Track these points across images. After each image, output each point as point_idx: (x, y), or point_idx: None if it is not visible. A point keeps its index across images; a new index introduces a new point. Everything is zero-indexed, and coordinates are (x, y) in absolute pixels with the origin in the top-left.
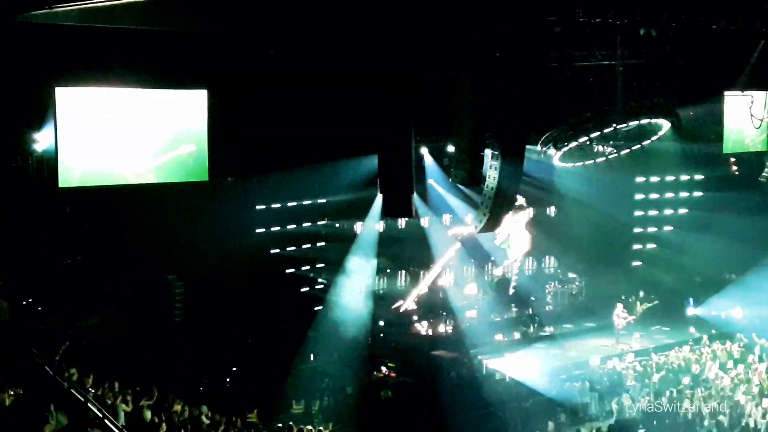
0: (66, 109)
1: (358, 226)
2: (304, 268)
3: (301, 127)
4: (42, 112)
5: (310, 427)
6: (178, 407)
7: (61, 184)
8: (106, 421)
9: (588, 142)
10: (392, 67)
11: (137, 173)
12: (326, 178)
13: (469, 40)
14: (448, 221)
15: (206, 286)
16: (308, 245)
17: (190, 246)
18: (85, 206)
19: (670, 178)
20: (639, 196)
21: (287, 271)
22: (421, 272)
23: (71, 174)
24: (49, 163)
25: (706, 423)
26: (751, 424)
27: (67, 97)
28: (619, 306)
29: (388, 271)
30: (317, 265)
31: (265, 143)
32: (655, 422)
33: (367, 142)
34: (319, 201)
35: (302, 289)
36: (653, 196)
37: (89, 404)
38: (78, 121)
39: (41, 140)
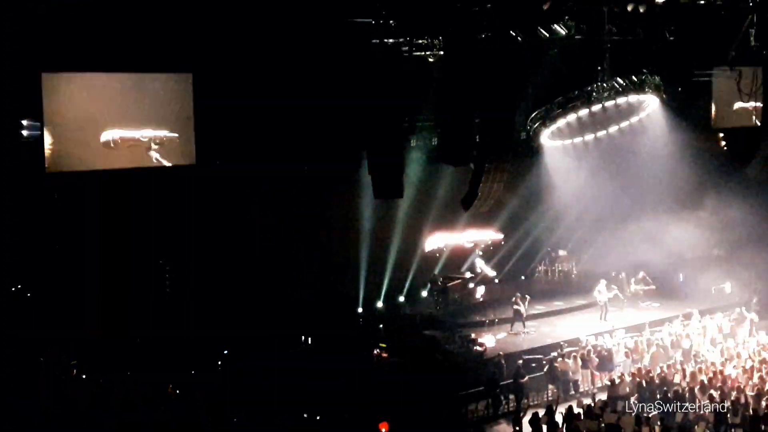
0: (52, 95)
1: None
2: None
3: (288, 106)
4: (29, 98)
5: None
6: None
7: (48, 170)
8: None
9: (577, 119)
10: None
11: (125, 157)
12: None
13: (457, 19)
14: None
15: (197, 270)
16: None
17: (180, 230)
18: (73, 191)
19: (659, 154)
20: (628, 173)
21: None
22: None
23: (58, 159)
24: (36, 148)
25: (696, 398)
26: (742, 399)
27: (53, 83)
28: (602, 282)
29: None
30: (309, 247)
31: (253, 126)
32: (646, 398)
33: (357, 122)
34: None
35: (295, 272)
36: (642, 172)
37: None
38: (64, 107)
39: (28, 126)
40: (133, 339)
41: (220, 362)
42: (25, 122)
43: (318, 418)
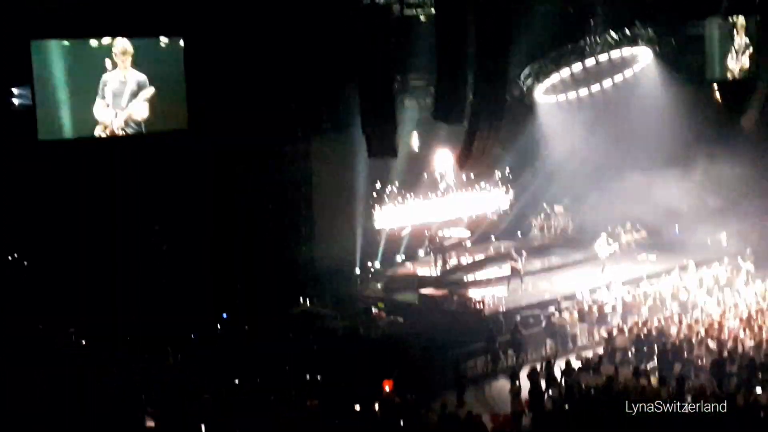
0: (42, 62)
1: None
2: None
3: (280, 70)
4: (18, 65)
5: None
6: None
7: (40, 137)
8: None
9: (570, 74)
10: None
11: (116, 123)
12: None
13: None
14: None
15: (191, 234)
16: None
17: (172, 195)
18: (66, 158)
19: (653, 106)
20: (623, 126)
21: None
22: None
23: (51, 126)
24: (28, 116)
25: (694, 349)
26: (739, 349)
27: (42, 50)
28: (602, 236)
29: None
30: (302, 209)
31: (244, 89)
32: (644, 350)
33: (349, 80)
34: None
35: (290, 233)
36: (637, 125)
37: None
38: (55, 74)
39: (19, 94)
40: (128, 307)
41: (219, 325)
42: (15, 90)
43: (319, 378)
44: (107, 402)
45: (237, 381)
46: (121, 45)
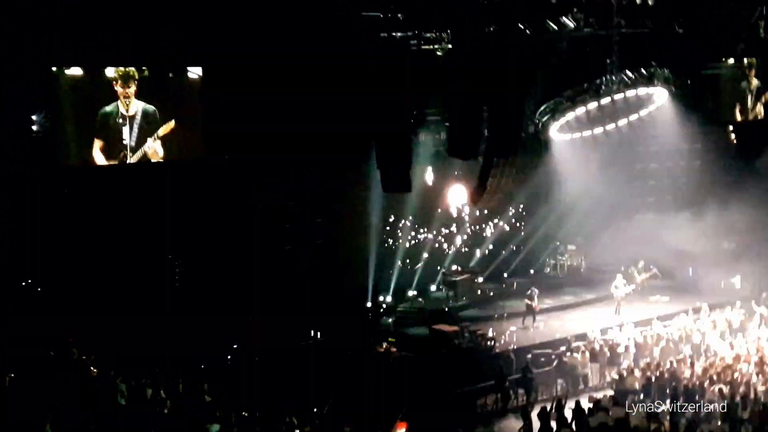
0: (64, 90)
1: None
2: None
3: (299, 101)
4: (41, 93)
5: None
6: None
7: (60, 163)
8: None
9: (585, 113)
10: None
11: (134, 152)
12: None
13: (465, 12)
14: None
15: (206, 265)
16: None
17: (189, 224)
18: (84, 185)
19: (668, 147)
20: (638, 166)
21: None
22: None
23: (70, 153)
24: (48, 142)
25: (707, 394)
26: (752, 394)
27: (64, 78)
28: (619, 276)
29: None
30: (318, 241)
31: (262, 119)
32: (655, 392)
33: (366, 118)
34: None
35: (303, 266)
36: (652, 165)
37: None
38: (76, 101)
39: (41, 121)
40: (142, 333)
41: (229, 357)
42: (35, 117)
43: (326, 412)
44: None
45: (244, 413)
46: (126, 71)
